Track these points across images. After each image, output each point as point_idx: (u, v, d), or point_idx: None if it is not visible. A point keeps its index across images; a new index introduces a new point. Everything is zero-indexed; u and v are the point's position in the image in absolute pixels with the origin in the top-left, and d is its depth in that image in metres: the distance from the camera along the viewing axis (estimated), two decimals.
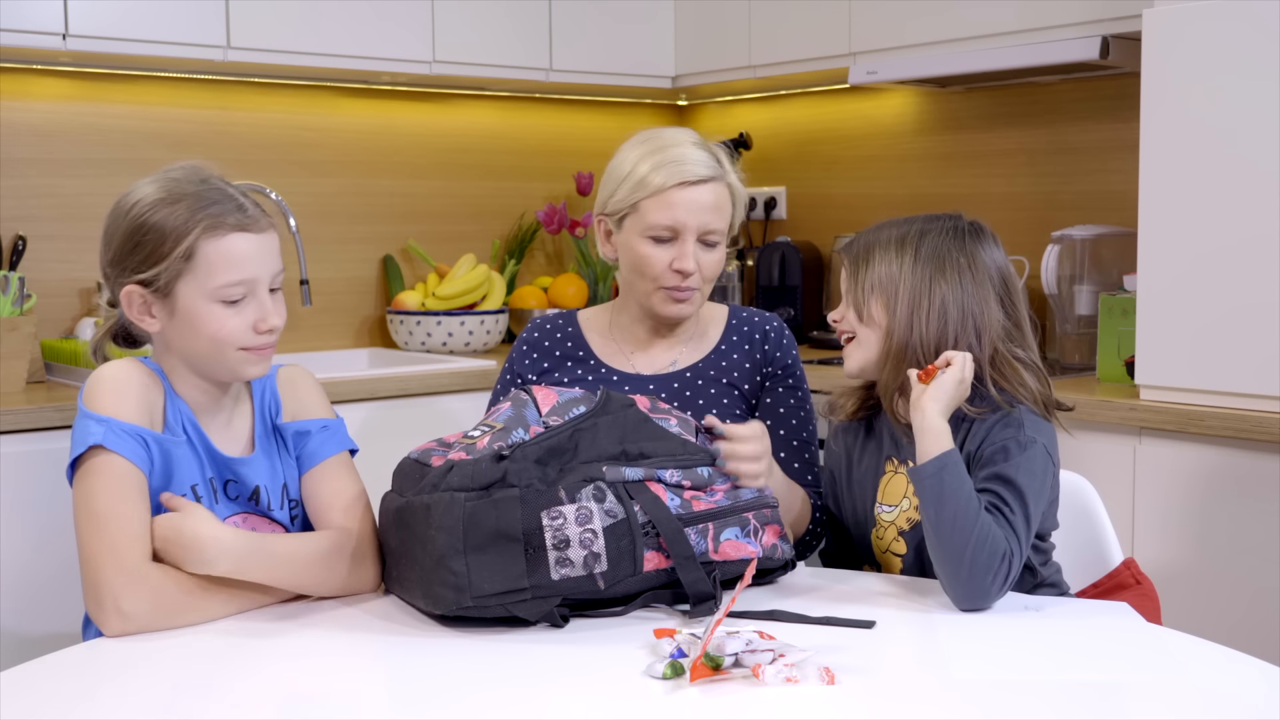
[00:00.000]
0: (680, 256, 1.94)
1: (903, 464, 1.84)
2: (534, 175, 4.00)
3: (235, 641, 1.54)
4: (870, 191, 3.83)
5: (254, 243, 1.66)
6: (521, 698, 1.37)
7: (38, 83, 3.21)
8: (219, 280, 1.63)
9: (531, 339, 2.11)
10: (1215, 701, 1.37)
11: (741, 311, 2.11)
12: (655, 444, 1.66)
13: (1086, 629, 1.58)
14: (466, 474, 1.55)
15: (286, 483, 1.76)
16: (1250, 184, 2.40)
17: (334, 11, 3.28)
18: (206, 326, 1.64)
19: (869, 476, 1.89)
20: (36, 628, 2.24)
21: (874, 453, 1.89)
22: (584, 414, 1.65)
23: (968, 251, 1.80)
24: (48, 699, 1.39)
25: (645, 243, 1.96)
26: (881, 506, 1.85)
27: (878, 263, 1.81)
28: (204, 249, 1.63)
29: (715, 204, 1.96)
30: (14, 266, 3.07)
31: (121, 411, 1.62)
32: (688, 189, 1.94)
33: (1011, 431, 1.73)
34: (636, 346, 2.06)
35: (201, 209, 1.64)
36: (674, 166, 1.95)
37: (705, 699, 1.32)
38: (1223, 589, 2.43)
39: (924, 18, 3.22)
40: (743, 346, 2.06)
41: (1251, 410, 2.40)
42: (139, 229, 1.65)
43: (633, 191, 1.96)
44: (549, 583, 1.53)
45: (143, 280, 1.65)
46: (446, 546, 1.52)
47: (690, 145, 1.97)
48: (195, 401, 1.71)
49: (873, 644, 1.51)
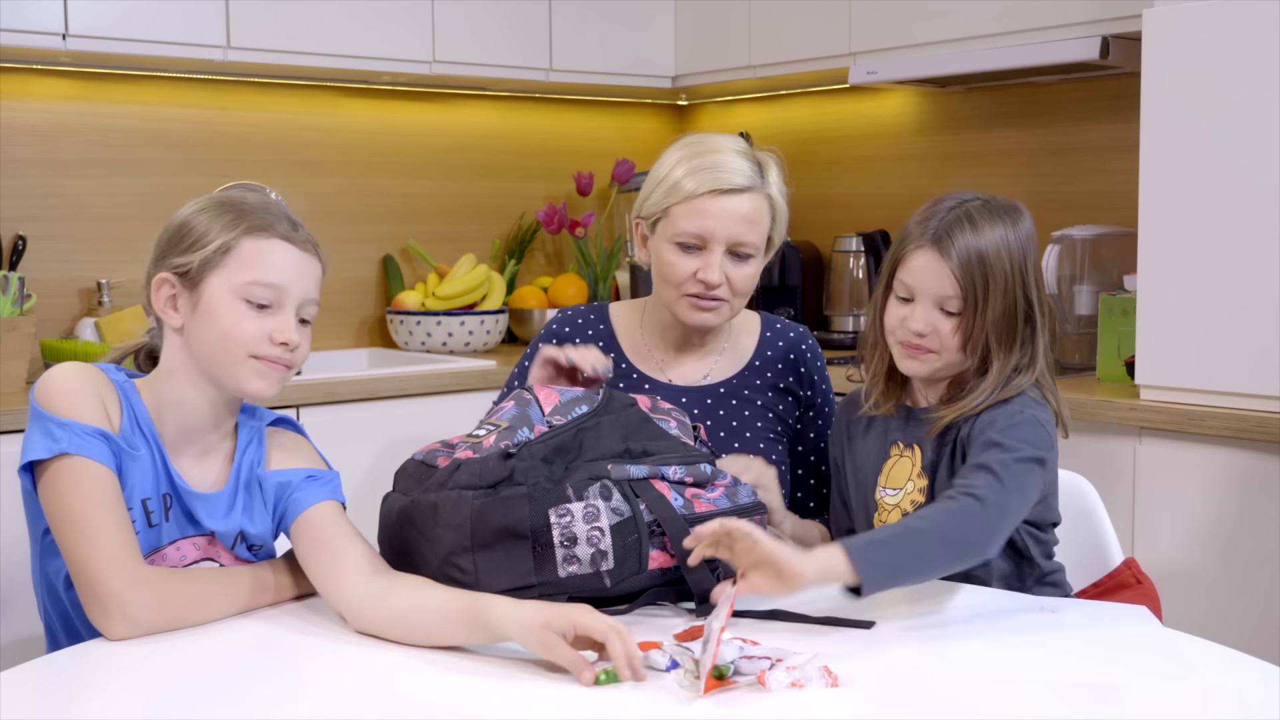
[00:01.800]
0: (706, 267, 1.88)
1: (909, 447, 1.81)
2: (534, 175, 4.00)
3: (235, 641, 1.54)
4: (870, 191, 3.83)
5: (295, 256, 1.63)
6: (529, 706, 1.37)
7: (38, 83, 3.21)
8: (249, 277, 1.60)
9: (562, 334, 2.03)
10: (1216, 702, 1.37)
11: (776, 323, 2.07)
12: (657, 443, 1.67)
13: (1091, 631, 1.58)
14: (474, 472, 1.55)
15: (244, 530, 1.68)
16: (1250, 184, 2.40)
17: (334, 11, 3.28)
18: (223, 320, 1.60)
19: (870, 461, 1.87)
20: (36, 628, 2.23)
21: (877, 437, 1.86)
22: (587, 413, 1.66)
23: (1034, 260, 1.77)
24: (48, 699, 1.39)
25: (673, 249, 1.90)
26: (885, 490, 1.83)
27: (995, 297, 1.70)
28: (243, 245, 1.61)
29: (749, 215, 1.89)
30: (14, 266, 3.07)
31: (83, 413, 1.56)
32: (719, 198, 1.87)
33: (1003, 409, 1.70)
34: (666, 354, 2.02)
35: (253, 214, 1.63)
36: (708, 173, 1.88)
37: (719, 710, 1.31)
38: (1223, 589, 2.43)
39: (924, 18, 3.22)
40: (776, 365, 2.02)
41: (1251, 410, 2.40)
42: (185, 224, 1.64)
43: (666, 196, 1.91)
44: (556, 580, 1.53)
45: (177, 268, 1.62)
46: (454, 544, 1.52)
47: (731, 153, 1.90)
48: (180, 419, 1.65)
49: (873, 645, 1.51)
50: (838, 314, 3.67)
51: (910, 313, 1.74)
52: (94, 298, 3.24)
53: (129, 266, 3.21)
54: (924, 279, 1.73)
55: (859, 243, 3.64)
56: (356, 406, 2.95)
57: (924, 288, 1.73)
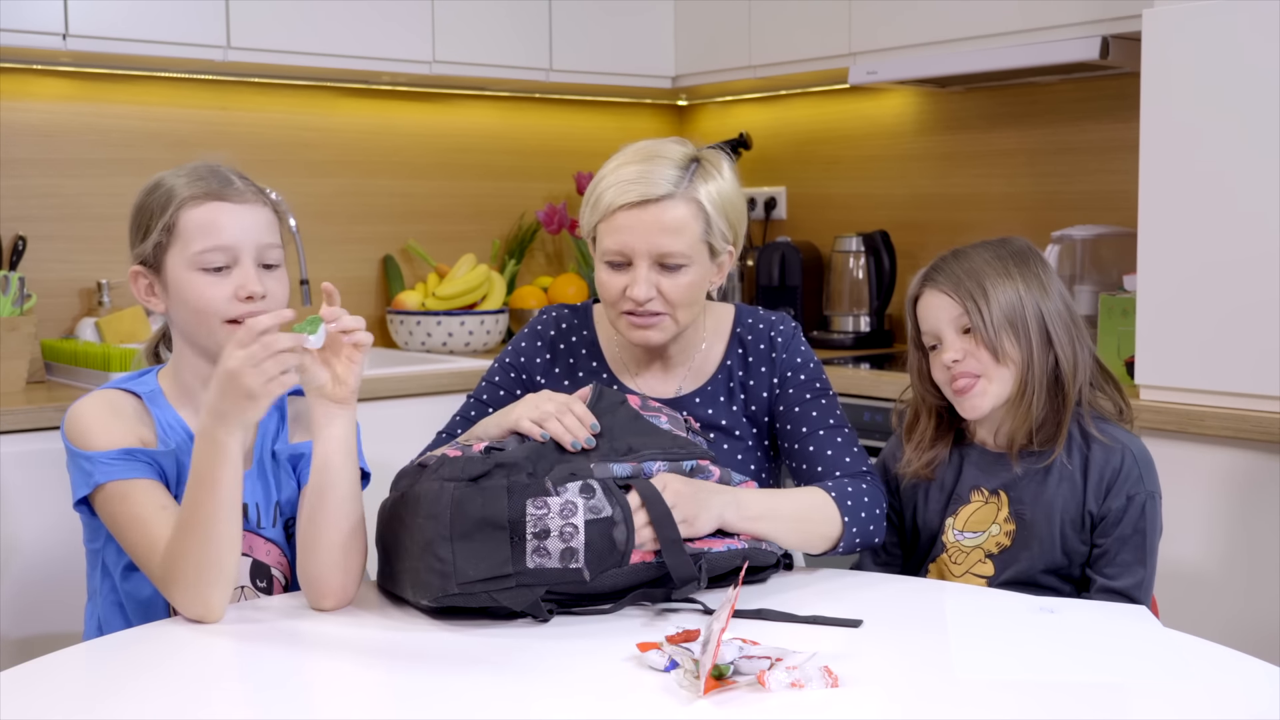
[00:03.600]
0: (632, 283, 1.80)
1: (993, 495, 1.88)
2: (534, 175, 4.00)
3: (235, 640, 1.54)
4: (870, 191, 3.83)
5: (233, 212, 1.68)
6: (529, 706, 1.37)
7: (38, 83, 3.20)
8: (195, 246, 1.65)
9: (547, 336, 1.99)
10: (1217, 702, 1.37)
11: (747, 318, 1.97)
12: (644, 439, 1.69)
13: (1092, 631, 1.58)
14: (457, 466, 1.58)
15: (280, 500, 1.75)
16: (1250, 184, 2.40)
17: (334, 11, 3.28)
18: (190, 295, 1.66)
19: (935, 503, 1.93)
20: (36, 628, 2.24)
21: (947, 481, 1.93)
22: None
23: (1049, 271, 1.87)
24: (47, 699, 1.39)
25: (604, 268, 1.84)
26: (962, 535, 1.89)
27: (996, 295, 1.81)
28: (183, 218, 1.67)
29: (672, 224, 1.79)
30: (14, 266, 3.07)
31: (106, 440, 1.64)
32: (634, 210, 1.79)
33: (1132, 493, 1.83)
34: (638, 368, 1.97)
35: (187, 184, 1.68)
36: (622, 186, 1.80)
37: (719, 710, 1.31)
38: (1223, 589, 2.43)
39: (924, 18, 3.22)
40: (747, 360, 1.94)
41: (1251, 410, 2.40)
42: (137, 210, 1.71)
43: (592, 214, 1.85)
44: (529, 570, 1.53)
45: (141, 258, 1.69)
46: (434, 533, 1.54)
47: (654, 160, 1.81)
48: (200, 400, 1.70)
49: (873, 645, 1.51)
50: (838, 314, 3.67)
51: (942, 351, 1.85)
52: (94, 298, 3.24)
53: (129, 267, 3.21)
54: (934, 314, 1.85)
55: (859, 243, 3.64)
56: (356, 406, 2.95)
57: (937, 320, 1.85)
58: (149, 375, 1.75)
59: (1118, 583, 1.80)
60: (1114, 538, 1.82)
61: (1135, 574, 1.81)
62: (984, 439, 1.91)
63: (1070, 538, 1.84)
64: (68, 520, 1.72)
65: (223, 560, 1.55)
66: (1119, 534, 1.82)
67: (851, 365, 3.20)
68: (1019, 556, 1.85)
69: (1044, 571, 1.85)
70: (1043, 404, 1.83)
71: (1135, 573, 1.81)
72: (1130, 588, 1.80)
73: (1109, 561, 1.82)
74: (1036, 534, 1.84)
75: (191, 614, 1.57)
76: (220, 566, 1.55)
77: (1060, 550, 1.84)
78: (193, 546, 1.54)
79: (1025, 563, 1.84)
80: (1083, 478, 1.84)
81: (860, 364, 3.23)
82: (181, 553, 1.55)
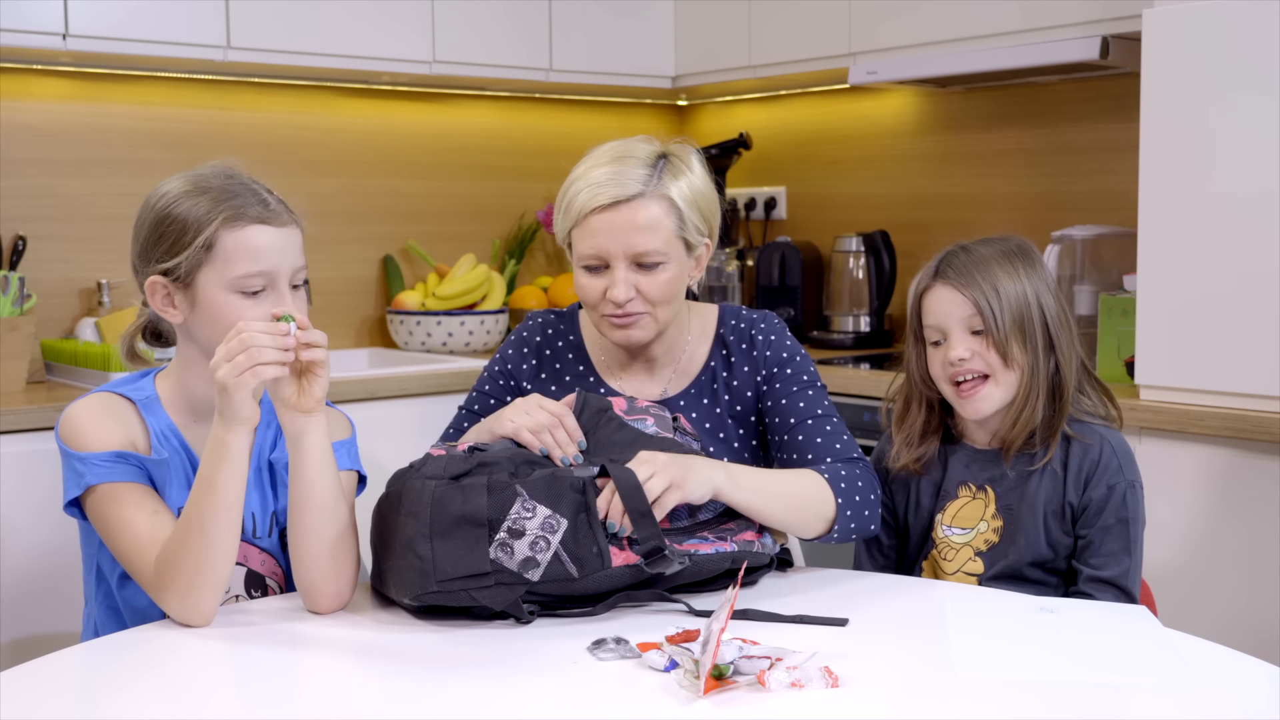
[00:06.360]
0: (611, 285, 1.80)
1: (980, 490, 1.89)
2: (534, 175, 4.00)
3: (230, 642, 1.54)
4: (870, 191, 3.83)
5: (274, 236, 1.66)
6: (529, 706, 1.37)
7: (38, 83, 3.20)
8: (237, 271, 1.64)
9: (533, 343, 1.98)
10: (1216, 702, 1.37)
11: (730, 318, 1.96)
12: (630, 451, 1.67)
13: (1092, 630, 1.58)
14: (439, 465, 1.59)
15: (276, 510, 1.75)
16: (1250, 184, 2.40)
17: (334, 11, 3.28)
18: (225, 316, 1.63)
19: (925, 500, 1.94)
20: (36, 628, 2.24)
21: (935, 476, 1.94)
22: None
23: (1048, 270, 1.89)
24: (47, 699, 1.39)
25: (582, 273, 1.83)
26: (951, 530, 1.90)
27: (1007, 297, 1.82)
28: (224, 239, 1.64)
29: (645, 223, 1.78)
30: (14, 266, 3.07)
31: (98, 442, 1.64)
32: (605, 213, 1.79)
33: (1112, 483, 1.84)
34: (623, 370, 1.95)
35: (224, 201, 1.65)
36: (590, 190, 1.80)
37: (719, 710, 1.31)
38: (1223, 589, 2.43)
39: (924, 18, 3.22)
40: (730, 360, 1.93)
41: (1251, 410, 2.40)
42: (163, 220, 1.67)
43: (564, 220, 1.85)
44: (511, 571, 1.53)
45: (165, 270, 1.66)
46: (414, 531, 1.54)
47: (622, 160, 1.82)
48: (201, 410, 1.70)
49: (873, 645, 1.51)
50: (837, 314, 3.67)
51: (947, 348, 1.85)
52: (94, 298, 3.24)
53: (129, 267, 3.21)
54: (943, 309, 1.85)
55: (859, 243, 3.64)
56: (356, 406, 2.95)
57: (946, 316, 1.85)
58: (145, 380, 1.74)
59: (1105, 572, 1.81)
60: (1097, 527, 1.83)
61: (1121, 563, 1.82)
62: (974, 438, 1.92)
63: (1054, 530, 1.85)
64: (67, 521, 1.71)
65: (218, 563, 1.55)
66: (1102, 524, 1.83)
67: (851, 365, 3.20)
68: (1006, 551, 1.86)
69: (1030, 565, 1.85)
70: (1041, 409, 1.84)
71: (1121, 561, 1.82)
72: (1118, 577, 1.81)
73: (1094, 552, 1.83)
74: (1022, 527, 1.86)
75: (181, 617, 1.57)
76: (215, 569, 1.55)
77: (1045, 543, 1.85)
78: (191, 546, 1.54)
79: (1012, 557, 1.86)
80: (1063, 469, 1.85)
81: (860, 364, 3.23)
82: (180, 552, 1.55)
